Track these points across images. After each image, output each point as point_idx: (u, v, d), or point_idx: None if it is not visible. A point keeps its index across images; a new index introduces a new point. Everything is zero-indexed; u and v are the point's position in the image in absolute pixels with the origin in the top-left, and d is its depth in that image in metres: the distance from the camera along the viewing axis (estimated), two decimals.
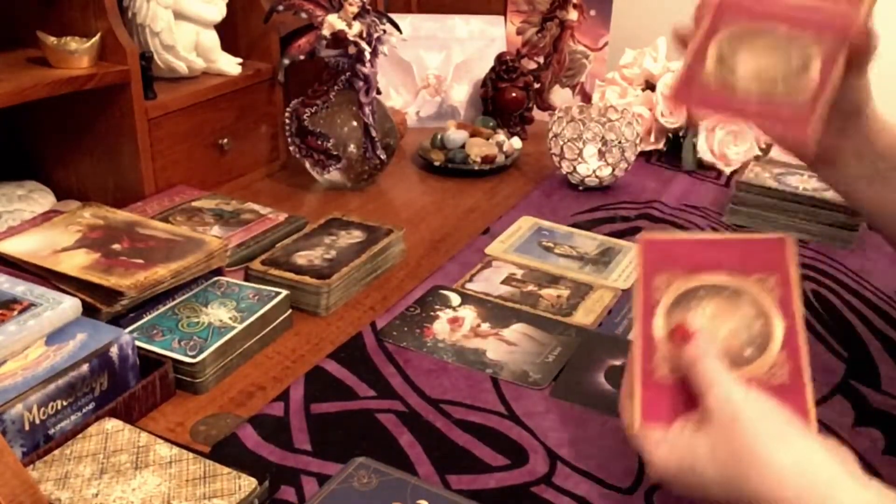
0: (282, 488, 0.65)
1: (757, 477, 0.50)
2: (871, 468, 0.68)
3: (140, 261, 0.84)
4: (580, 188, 1.27)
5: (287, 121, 1.23)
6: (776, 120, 0.62)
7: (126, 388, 0.73)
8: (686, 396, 0.57)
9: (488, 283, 0.98)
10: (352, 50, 1.16)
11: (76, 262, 0.83)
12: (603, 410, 0.76)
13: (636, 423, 0.58)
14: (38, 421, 0.66)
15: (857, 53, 0.64)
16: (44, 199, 1.11)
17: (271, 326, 0.86)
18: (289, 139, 1.23)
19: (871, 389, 0.80)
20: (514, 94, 1.48)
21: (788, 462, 0.50)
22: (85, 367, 0.69)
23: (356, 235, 1.02)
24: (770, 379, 0.57)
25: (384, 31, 1.21)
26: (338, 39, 1.16)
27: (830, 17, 0.63)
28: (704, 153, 1.37)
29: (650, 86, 1.43)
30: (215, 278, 0.90)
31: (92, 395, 0.70)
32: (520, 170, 1.37)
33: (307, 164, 1.23)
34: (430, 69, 1.56)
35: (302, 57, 1.19)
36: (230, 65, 1.23)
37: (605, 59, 1.61)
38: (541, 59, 1.58)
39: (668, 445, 0.56)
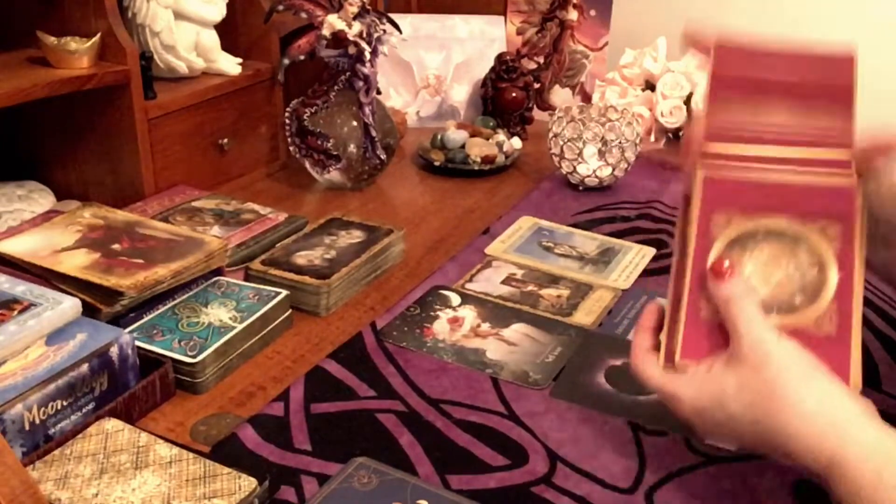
0: (282, 488, 0.65)
1: (783, 416, 0.53)
2: None
3: (140, 261, 0.84)
4: (580, 188, 1.27)
5: (287, 121, 1.23)
6: (808, 345, 0.56)
7: (126, 388, 0.73)
8: (726, 337, 0.57)
9: (488, 283, 0.98)
10: (352, 50, 1.16)
11: (76, 262, 0.83)
12: (603, 410, 0.76)
13: (677, 356, 0.58)
14: (38, 421, 0.66)
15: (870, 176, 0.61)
16: (44, 199, 1.11)
17: (271, 326, 0.86)
18: (289, 139, 1.23)
19: (871, 389, 0.80)
20: (514, 94, 1.48)
21: (813, 402, 0.53)
22: (85, 367, 0.69)
23: (356, 235, 1.02)
24: (817, 330, 0.56)
25: (384, 31, 1.21)
26: (338, 39, 1.16)
27: (832, 194, 0.58)
28: None
29: (650, 86, 1.43)
30: (215, 278, 0.90)
31: (92, 395, 0.70)
32: (520, 170, 1.37)
33: (307, 164, 1.23)
34: (430, 69, 1.56)
35: (302, 57, 1.19)
36: (230, 65, 1.23)
37: (605, 59, 1.61)
38: (541, 59, 1.58)
39: (696, 383, 0.57)
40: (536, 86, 1.54)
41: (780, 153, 0.60)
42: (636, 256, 1.06)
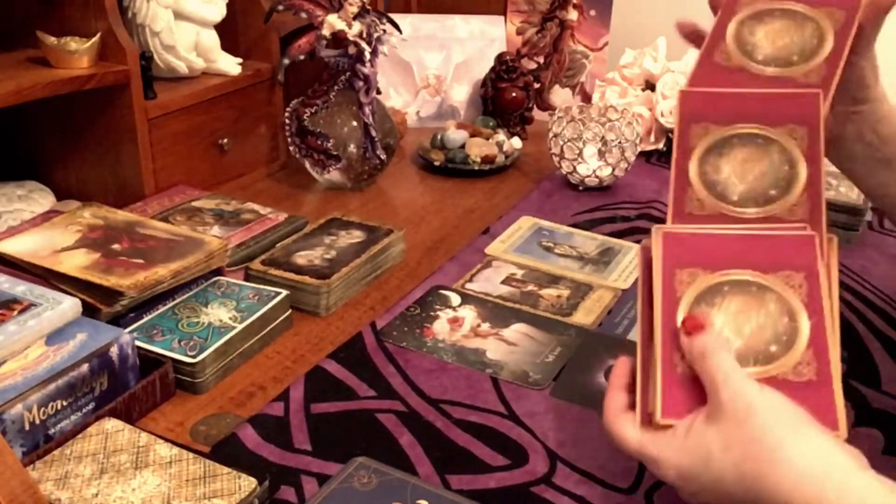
0: (282, 488, 0.65)
1: (774, 474, 0.50)
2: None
3: (140, 261, 0.84)
4: (580, 188, 1.27)
5: (287, 121, 1.23)
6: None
7: (126, 388, 0.73)
8: (704, 393, 0.56)
9: (488, 283, 0.98)
10: (352, 50, 1.16)
11: (76, 262, 0.83)
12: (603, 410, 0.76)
13: (657, 415, 0.56)
14: (38, 421, 0.66)
15: (865, 23, 0.67)
16: (44, 199, 1.11)
17: (271, 326, 0.86)
18: (289, 139, 1.23)
19: (871, 389, 0.80)
20: (514, 94, 1.48)
21: (805, 458, 0.50)
22: (85, 367, 0.69)
23: (356, 235, 1.02)
24: (796, 376, 0.56)
25: (384, 31, 1.21)
26: (338, 39, 1.16)
27: (793, 243, 0.60)
28: None
29: (650, 86, 1.43)
30: (215, 278, 0.90)
31: (92, 395, 0.70)
32: (520, 170, 1.37)
33: (307, 164, 1.23)
34: (430, 69, 1.56)
35: (302, 57, 1.19)
36: (230, 65, 1.23)
37: (605, 59, 1.61)
38: (541, 59, 1.58)
39: (677, 443, 0.54)
40: (536, 86, 1.54)
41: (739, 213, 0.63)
42: (636, 256, 1.06)
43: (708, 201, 0.63)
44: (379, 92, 1.23)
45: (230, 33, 1.25)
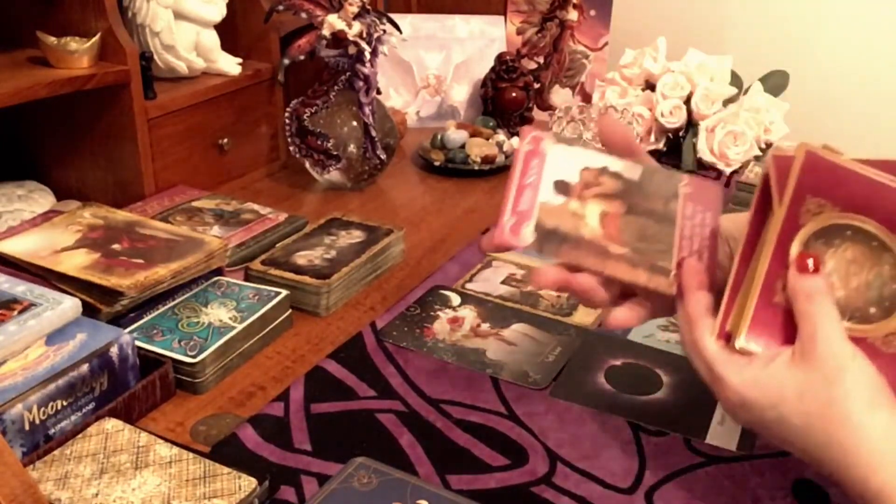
0: (282, 488, 0.65)
1: (842, 436, 0.50)
2: None
3: (140, 261, 0.84)
4: None
5: (287, 121, 1.22)
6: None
7: (126, 388, 0.73)
8: (795, 330, 0.54)
9: (488, 283, 0.98)
10: (352, 50, 1.16)
11: (76, 262, 0.83)
12: (603, 410, 0.76)
13: (741, 336, 0.54)
14: (38, 421, 0.66)
15: None
16: (44, 199, 1.11)
17: (271, 326, 0.86)
18: (289, 139, 1.23)
19: None
20: (514, 94, 1.48)
21: (876, 431, 0.50)
22: (85, 367, 0.69)
23: (356, 235, 1.02)
24: (885, 346, 0.54)
25: (384, 31, 1.21)
26: (338, 39, 1.16)
27: None
28: (704, 153, 1.37)
29: (650, 86, 1.43)
30: (215, 278, 0.90)
31: (92, 395, 0.70)
32: None
33: (307, 164, 1.23)
34: (430, 69, 1.56)
35: (302, 57, 1.19)
36: (230, 65, 1.23)
37: (605, 59, 1.61)
38: (541, 59, 1.58)
39: (752, 372, 0.53)
40: (536, 86, 1.54)
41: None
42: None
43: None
44: (379, 92, 1.23)
45: (230, 33, 1.25)
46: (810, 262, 0.54)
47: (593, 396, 0.78)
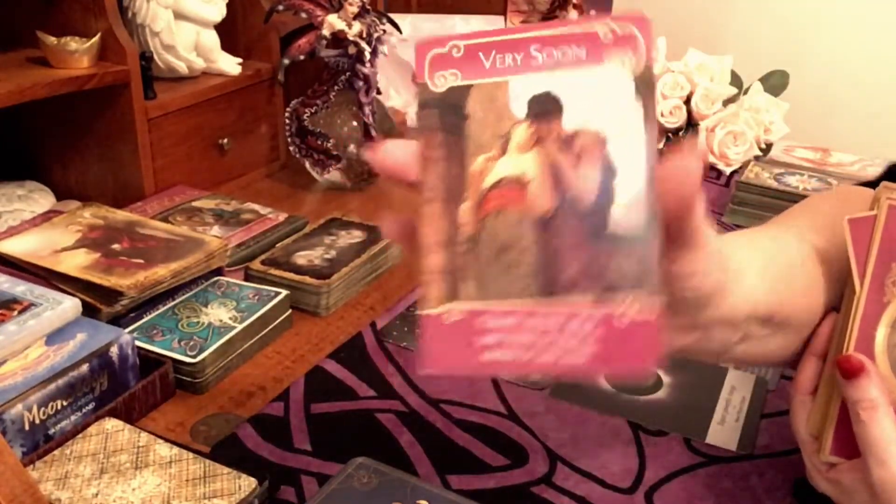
0: (282, 488, 0.65)
1: None
2: None
3: (140, 261, 0.84)
4: None
5: (287, 121, 1.22)
6: None
7: (126, 388, 0.73)
8: None
9: None
10: (352, 50, 1.16)
11: (76, 262, 0.83)
12: (603, 410, 0.76)
13: (825, 451, 0.49)
14: (38, 421, 0.66)
15: None
16: (44, 199, 1.11)
17: (271, 326, 0.86)
18: (289, 139, 1.23)
19: None
20: None
21: None
22: (85, 367, 0.69)
23: (356, 235, 1.02)
24: None
25: (384, 31, 1.21)
26: (338, 39, 1.16)
27: None
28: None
29: None
30: (215, 278, 0.90)
31: (92, 395, 0.70)
32: None
33: (307, 164, 1.23)
34: None
35: (302, 57, 1.19)
36: (230, 65, 1.23)
37: None
38: None
39: (833, 475, 0.50)
40: None
41: None
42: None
43: (893, 386, 0.47)
44: (379, 92, 1.23)
45: (230, 33, 1.25)
46: (855, 362, 0.46)
47: (593, 396, 0.78)
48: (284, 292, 0.88)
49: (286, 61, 1.20)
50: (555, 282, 0.36)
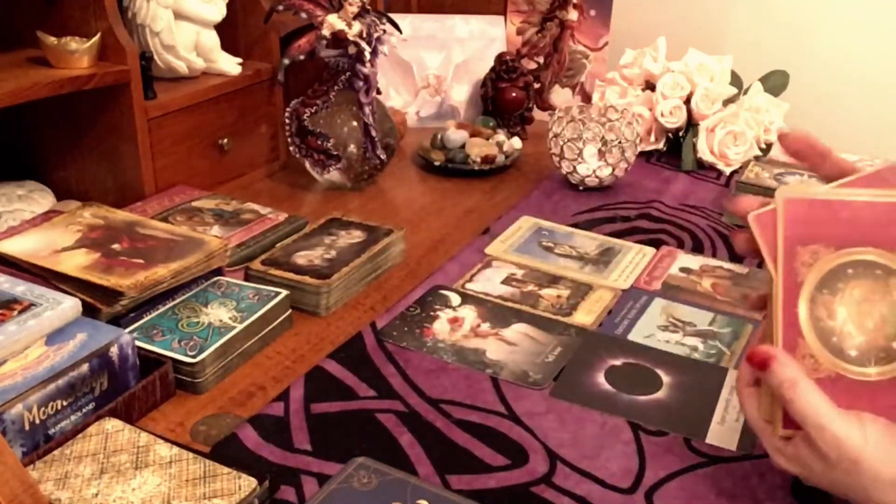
0: (282, 488, 0.65)
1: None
2: None
3: (140, 261, 0.84)
4: (580, 188, 1.27)
5: (287, 121, 1.23)
6: None
7: (126, 388, 0.73)
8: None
9: (488, 283, 0.98)
10: (352, 50, 1.16)
11: (76, 262, 0.83)
12: (603, 410, 0.76)
13: (778, 428, 0.54)
14: (38, 421, 0.66)
15: None
16: (44, 199, 1.11)
17: (271, 326, 0.86)
18: (289, 139, 1.23)
19: None
20: (514, 94, 1.48)
21: None
22: (85, 367, 0.69)
23: (356, 235, 1.02)
24: None
25: (384, 31, 1.21)
26: (338, 39, 1.16)
27: None
28: (704, 153, 1.37)
29: (650, 86, 1.43)
30: (215, 278, 0.90)
31: (92, 395, 0.70)
32: (520, 170, 1.37)
33: (307, 164, 1.23)
34: (430, 69, 1.56)
35: (302, 57, 1.19)
36: (230, 65, 1.23)
37: (605, 59, 1.61)
38: (541, 59, 1.58)
39: (789, 450, 0.54)
40: (536, 86, 1.54)
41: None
42: (636, 256, 1.06)
43: (823, 358, 0.53)
44: (379, 92, 1.23)
45: (230, 33, 1.25)
46: (761, 354, 0.52)
47: (593, 396, 0.78)
48: (284, 292, 0.88)
49: (286, 61, 1.20)
50: None
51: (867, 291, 0.51)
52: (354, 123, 1.20)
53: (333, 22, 1.16)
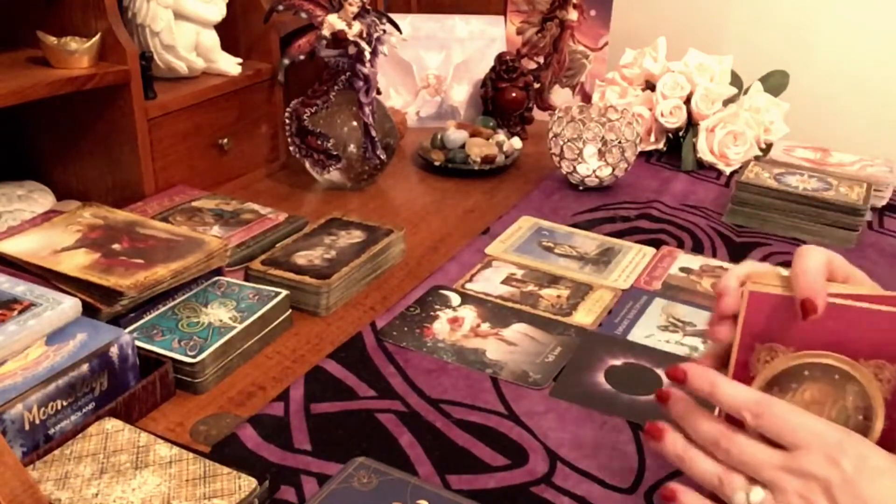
0: (282, 488, 0.65)
1: None
2: None
3: (140, 261, 0.84)
4: (580, 188, 1.27)
5: (287, 121, 1.23)
6: None
7: (126, 388, 0.73)
8: None
9: (488, 283, 0.98)
10: (352, 50, 1.16)
11: (76, 262, 0.83)
12: (603, 410, 0.76)
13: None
14: (38, 421, 0.66)
15: None
16: (44, 199, 1.11)
17: (271, 326, 0.86)
18: (289, 139, 1.23)
19: None
20: (514, 94, 1.48)
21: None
22: (85, 367, 0.69)
23: (356, 235, 1.02)
24: None
25: (384, 31, 1.21)
26: (338, 39, 1.16)
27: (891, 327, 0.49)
28: (704, 153, 1.37)
29: (650, 86, 1.43)
30: (215, 278, 0.90)
31: (92, 395, 0.70)
32: (520, 170, 1.37)
33: (307, 164, 1.23)
34: (430, 69, 1.56)
35: (302, 57, 1.19)
36: (230, 65, 1.23)
37: (605, 59, 1.61)
38: (541, 59, 1.58)
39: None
40: (536, 86, 1.54)
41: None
42: (636, 256, 1.06)
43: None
44: (379, 92, 1.23)
45: (230, 33, 1.25)
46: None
47: (593, 396, 0.78)
48: (284, 292, 0.88)
49: (286, 61, 1.20)
50: None
51: (820, 394, 0.50)
52: (354, 123, 1.20)
53: (333, 22, 1.16)
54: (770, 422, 0.49)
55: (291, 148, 1.23)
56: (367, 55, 1.16)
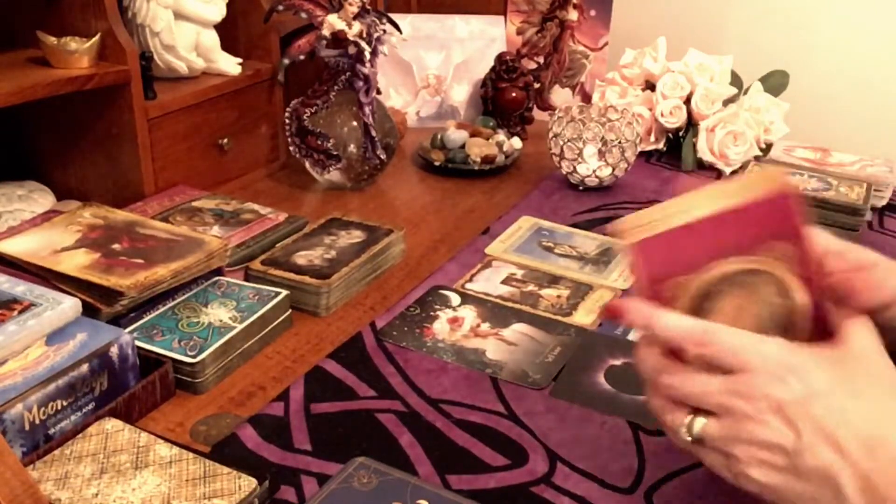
0: (282, 488, 0.65)
1: None
2: None
3: (140, 261, 0.84)
4: (580, 188, 1.27)
5: (287, 121, 1.23)
6: None
7: (126, 388, 0.73)
8: None
9: (488, 283, 0.98)
10: (352, 50, 1.16)
11: (76, 262, 0.83)
12: (603, 410, 0.76)
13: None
14: (38, 421, 0.66)
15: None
16: (44, 199, 1.11)
17: (271, 326, 0.86)
18: (289, 139, 1.23)
19: None
20: (514, 94, 1.48)
21: None
22: (85, 367, 0.69)
23: (356, 235, 1.02)
24: None
25: (384, 31, 1.21)
26: (338, 39, 1.16)
27: (767, 214, 0.51)
28: (704, 153, 1.37)
29: (650, 86, 1.43)
30: (215, 278, 0.90)
31: (92, 395, 0.70)
32: (520, 170, 1.37)
33: (307, 164, 1.23)
34: (430, 69, 1.56)
35: (302, 57, 1.19)
36: (230, 65, 1.23)
37: (605, 59, 1.61)
38: (541, 59, 1.58)
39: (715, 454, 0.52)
40: (536, 86, 1.54)
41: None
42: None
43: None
44: (379, 92, 1.23)
45: (230, 33, 1.25)
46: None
47: (593, 396, 0.78)
48: (284, 292, 0.88)
49: (286, 61, 1.20)
50: None
51: (739, 300, 0.51)
52: (354, 123, 1.20)
53: (333, 22, 1.16)
54: (713, 348, 0.49)
55: (291, 148, 1.23)
56: (367, 55, 1.16)
